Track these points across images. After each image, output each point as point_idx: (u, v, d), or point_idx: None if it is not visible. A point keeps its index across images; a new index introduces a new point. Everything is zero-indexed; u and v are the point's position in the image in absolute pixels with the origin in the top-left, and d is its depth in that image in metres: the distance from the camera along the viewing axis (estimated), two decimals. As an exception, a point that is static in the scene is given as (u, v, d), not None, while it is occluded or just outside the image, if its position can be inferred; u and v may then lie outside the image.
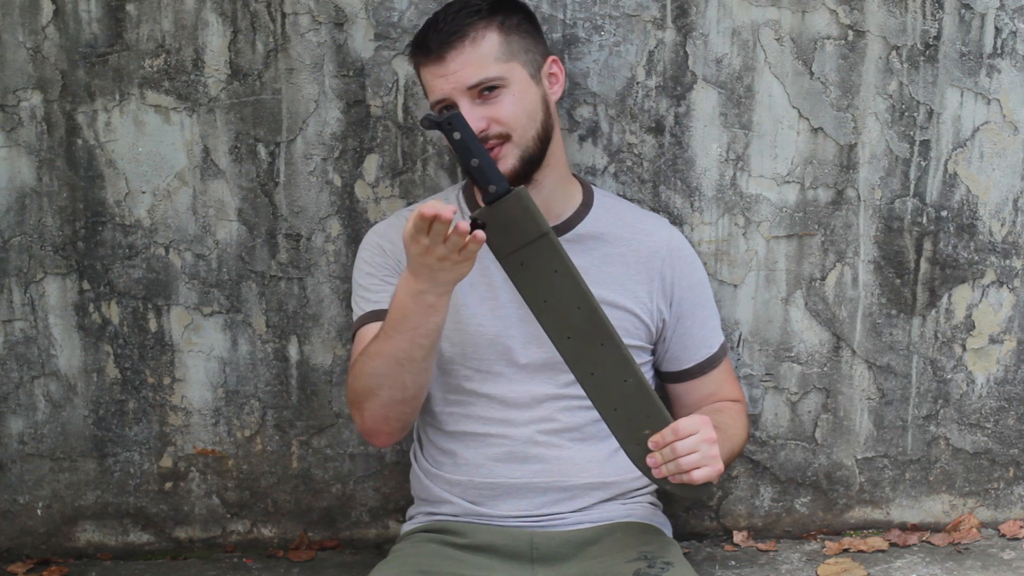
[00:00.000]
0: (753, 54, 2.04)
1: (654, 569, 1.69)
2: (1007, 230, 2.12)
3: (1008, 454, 2.22)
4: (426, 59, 1.78)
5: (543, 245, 1.65)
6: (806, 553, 2.17)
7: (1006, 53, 2.05)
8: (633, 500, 1.90)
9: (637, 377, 1.69)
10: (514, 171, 1.77)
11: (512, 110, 1.76)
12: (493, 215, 1.64)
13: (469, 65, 1.74)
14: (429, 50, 1.76)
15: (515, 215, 1.64)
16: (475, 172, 1.64)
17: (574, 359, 1.69)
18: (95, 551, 2.24)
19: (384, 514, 2.23)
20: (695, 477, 1.63)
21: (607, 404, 1.69)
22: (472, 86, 1.74)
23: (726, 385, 1.98)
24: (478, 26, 1.76)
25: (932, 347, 2.16)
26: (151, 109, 2.06)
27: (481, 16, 1.76)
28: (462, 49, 1.75)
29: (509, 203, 1.64)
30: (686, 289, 1.91)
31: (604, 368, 1.68)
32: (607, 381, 1.69)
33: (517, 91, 1.77)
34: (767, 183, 2.09)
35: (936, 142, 2.08)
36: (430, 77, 1.78)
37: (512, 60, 1.77)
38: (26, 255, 2.12)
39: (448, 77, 1.75)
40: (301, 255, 2.11)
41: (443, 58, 1.75)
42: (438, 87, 1.77)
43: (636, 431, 1.69)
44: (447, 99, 1.76)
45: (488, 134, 1.75)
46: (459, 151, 1.65)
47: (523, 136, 1.77)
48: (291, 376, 2.16)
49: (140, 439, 2.19)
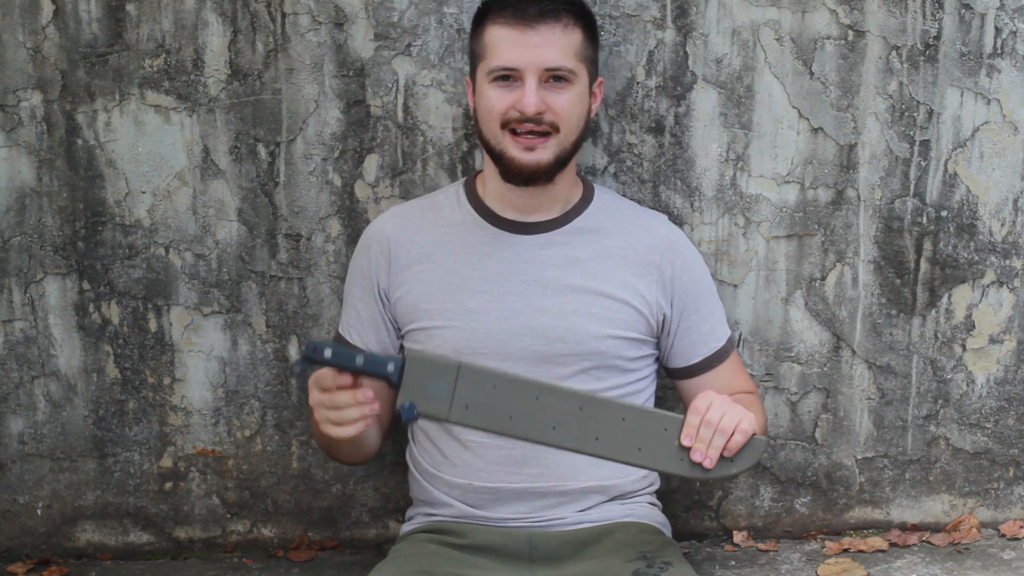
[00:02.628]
0: (753, 54, 2.04)
1: (653, 569, 1.69)
2: (1007, 230, 2.12)
3: (1008, 454, 2.22)
4: (512, 21, 1.75)
5: (465, 376, 1.61)
6: (806, 553, 2.17)
7: (1006, 53, 2.05)
8: (633, 501, 1.90)
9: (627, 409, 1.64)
10: (547, 165, 1.79)
11: (569, 108, 1.78)
12: (408, 391, 1.60)
13: (556, 46, 1.75)
14: (523, 14, 1.74)
15: (425, 374, 1.61)
16: (367, 368, 1.60)
17: (571, 440, 1.63)
18: (95, 551, 2.24)
19: (384, 514, 2.23)
20: (743, 428, 1.60)
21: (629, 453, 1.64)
22: (550, 68, 1.75)
23: (737, 379, 1.97)
24: (572, 17, 1.77)
25: (932, 347, 2.16)
26: (151, 109, 2.06)
27: (573, 11, 1.78)
28: (554, 28, 1.75)
29: (413, 369, 1.60)
30: (687, 284, 1.91)
31: (599, 425, 1.63)
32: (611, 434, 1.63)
33: (578, 93, 1.79)
34: (767, 183, 2.09)
35: (936, 142, 2.08)
36: (507, 41, 1.75)
37: (583, 64, 1.79)
38: (26, 255, 2.12)
39: (529, 49, 1.74)
40: (301, 255, 2.11)
41: (535, 27, 1.74)
42: (514, 55, 1.75)
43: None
44: (515, 69, 1.75)
45: (543, 118, 1.76)
46: (338, 366, 1.60)
47: (567, 136, 1.79)
48: (291, 376, 2.16)
49: (140, 439, 2.19)
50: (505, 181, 1.83)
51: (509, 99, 1.76)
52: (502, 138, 1.78)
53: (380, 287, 1.90)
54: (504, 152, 1.79)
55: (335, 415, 1.63)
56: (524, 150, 1.78)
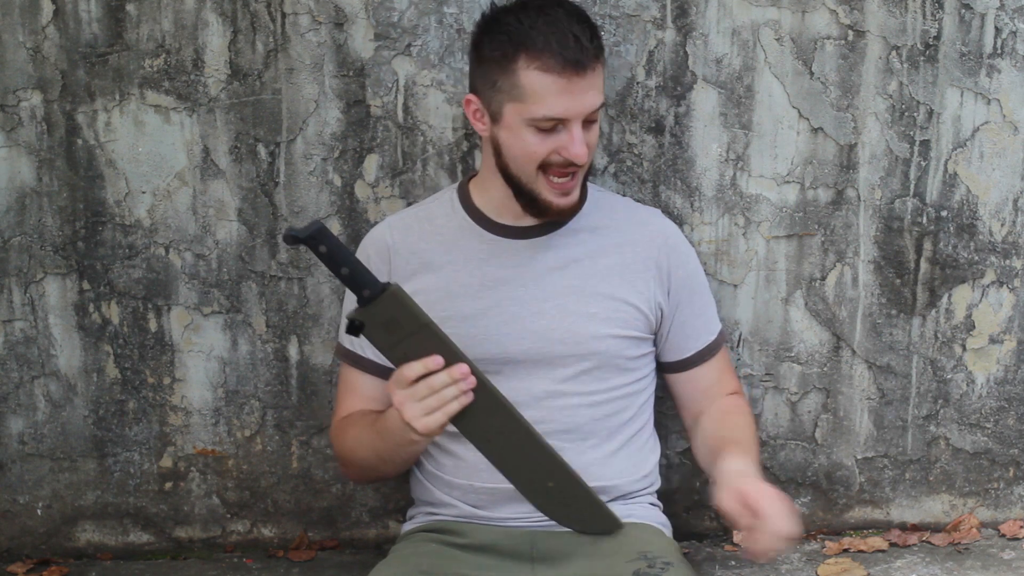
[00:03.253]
0: (753, 54, 2.04)
1: (654, 569, 1.69)
2: (1007, 230, 2.12)
3: (1008, 454, 2.22)
4: (559, 68, 1.68)
5: (424, 336, 1.64)
6: (806, 553, 2.17)
7: (1006, 53, 2.05)
8: (633, 501, 1.90)
9: (531, 437, 1.72)
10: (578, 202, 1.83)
11: (596, 139, 1.79)
12: (370, 315, 1.63)
13: (595, 89, 1.73)
14: (571, 63, 1.68)
15: (392, 312, 1.63)
16: (347, 280, 1.61)
17: (470, 431, 1.70)
18: (95, 551, 2.24)
19: (384, 514, 2.23)
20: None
21: (507, 466, 1.73)
22: (595, 109, 1.74)
23: (725, 375, 1.98)
24: (600, 54, 1.74)
25: (932, 347, 2.16)
26: (151, 109, 2.06)
27: (597, 45, 1.74)
28: (596, 71, 1.72)
29: (384, 302, 1.63)
30: (683, 278, 1.91)
31: (499, 434, 1.71)
32: (506, 444, 1.72)
33: (598, 123, 1.80)
34: (767, 183, 2.09)
35: (936, 142, 2.08)
36: (553, 90, 1.69)
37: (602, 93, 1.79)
38: (26, 255, 2.12)
39: (576, 96, 1.70)
40: (301, 255, 2.11)
41: (584, 75, 1.69)
42: (563, 105, 1.70)
43: (542, 485, 1.75)
44: (566, 118, 1.71)
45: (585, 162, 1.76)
46: (328, 262, 1.61)
47: (588, 166, 1.80)
48: (291, 376, 2.16)
49: (140, 439, 2.19)
50: (533, 216, 1.83)
51: (550, 145, 1.74)
52: (536, 179, 1.77)
53: None
54: (539, 195, 1.78)
55: (435, 400, 1.63)
56: (561, 195, 1.78)
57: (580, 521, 1.79)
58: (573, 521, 1.79)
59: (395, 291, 1.63)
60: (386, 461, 1.84)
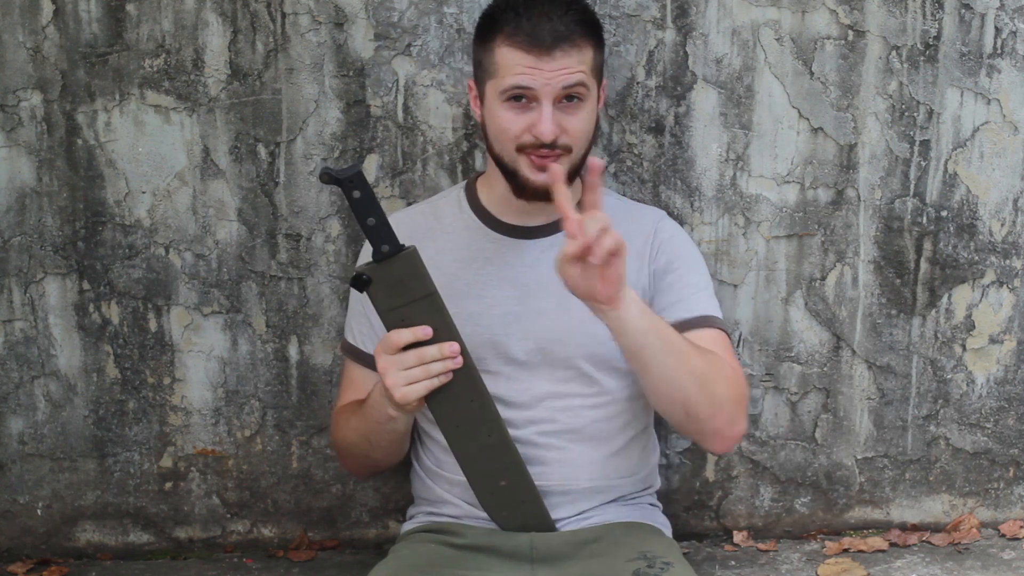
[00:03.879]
0: (753, 54, 2.04)
1: (654, 569, 1.69)
2: (1007, 230, 2.12)
3: (1008, 454, 2.22)
4: (525, 45, 1.72)
5: (426, 304, 1.66)
6: (806, 553, 2.17)
7: (1006, 53, 2.05)
8: (633, 501, 1.90)
9: (501, 434, 1.75)
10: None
11: (582, 126, 1.77)
12: (381, 272, 1.65)
13: (570, 68, 1.73)
14: (538, 40, 1.72)
15: (404, 274, 1.65)
16: (370, 231, 1.63)
17: (440, 412, 1.72)
18: (95, 551, 2.24)
19: (384, 514, 2.23)
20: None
21: (467, 456, 1.75)
22: (568, 86, 1.74)
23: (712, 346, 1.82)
24: (584, 36, 1.75)
25: (932, 347, 2.16)
26: (151, 109, 2.06)
27: (586, 27, 1.76)
28: (569, 52, 1.73)
29: (400, 262, 1.64)
30: (667, 252, 1.88)
31: (470, 422, 1.73)
32: (472, 433, 1.74)
33: (589, 108, 1.78)
34: (767, 183, 2.09)
35: (936, 142, 2.08)
36: (521, 64, 1.73)
37: (595, 77, 1.78)
38: (26, 255, 2.12)
39: (546, 72, 1.72)
40: (301, 255, 2.11)
41: (548, 54, 1.72)
42: (528, 76, 1.72)
43: (493, 482, 1.77)
44: (531, 87, 1.73)
45: (557, 143, 1.74)
46: (356, 209, 1.62)
47: (579, 152, 1.78)
48: (291, 376, 2.16)
49: (140, 439, 2.19)
50: (519, 198, 1.82)
51: (523, 122, 1.75)
52: (516, 158, 1.77)
53: None
54: (518, 171, 1.78)
55: (420, 371, 1.65)
56: (538, 171, 1.77)
57: (514, 523, 1.81)
58: (507, 521, 1.81)
59: (413, 253, 1.65)
60: (372, 445, 1.85)
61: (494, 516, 1.82)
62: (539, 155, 1.75)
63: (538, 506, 1.81)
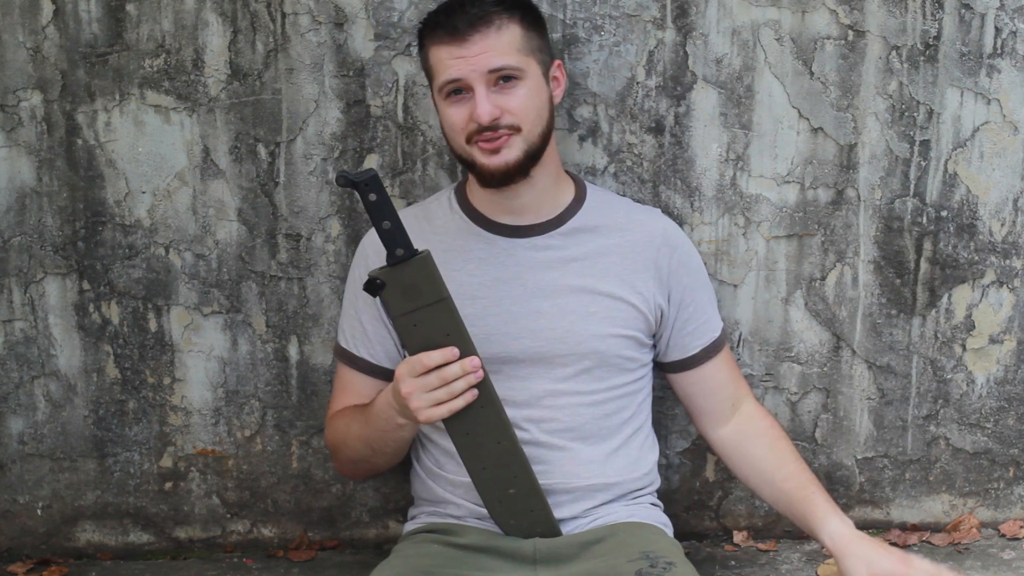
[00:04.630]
0: (753, 54, 2.04)
1: (656, 569, 1.69)
2: (1007, 230, 2.12)
3: (1008, 454, 2.22)
4: (447, 39, 1.76)
5: (439, 309, 1.67)
6: (806, 553, 2.17)
7: (1006, 53, 2.05)
8: (635, 501, 1.90)
9: (511, 441, 1.74)
10: (517, 163, 1.78)
11: (526, 103, 1.77)
12: (395, 275, 1.65)
13: (493, 50, 1.75)
14: (454, 29, 1.75)
15: (417, 278, 1.65)
16: (385, 234, 1.64)
17: (452, 419, 1.71)
18: (95, 551, 2.24)
19: (384, 514, 2.23)
20: None
21: (477, 463, 1.75)
22: (493, 70, 1.74)
23: (734, 374, 1.98)
24: (503, 15, 1.76)
25: (932, 347, 2.16)
26: (151, 109, 2.06)
27: (505, 7, 1.77)
28: (487, 34, 1.74)
29: (414, 266, 1.65)
30: (684, 276, 1.91)
31: (481, 429, 1.73)
32: (482, 441, 1.73)
33: (532, 86, 1.78)
34: (767, 183, 2.09)
35: (936, 142, 2.08)
36: (446, 57, 1.76)
37: (530, 56, 1.78)
38: (26, 255, 2.12)
39: (469, 59, 1.74)
40: (301, 255, 2.11)
41: (467, 40, 1.74)
42: (455, 67, 1.75)
43: (502, 490, 1.77)
44: (461, 80, 1.75)
45: (499, 123, 1.75)
46: (372, 212, 1.63)
47: (531, 131, 1.78)
48: (291, 376, 2.16)
49: (140, 439, 2.19)
50: (483, 187, 1.83)
51: (465, 112, 1.77)
52: (470, 149, 1.79)
53: None
54: (474, 161, 1.79)
55: (444, 392, 1.65)
56: (490, 154, 1.77)
57: (521, 530, 1.81)
58: (514, 529, 1.81)
59: (427, 257, 1.66)
60: (376, 451, 1.85)
61: (502, 524, 1.82)
62: (486, 139, 1.77)
63: (546, 514, 1.81)
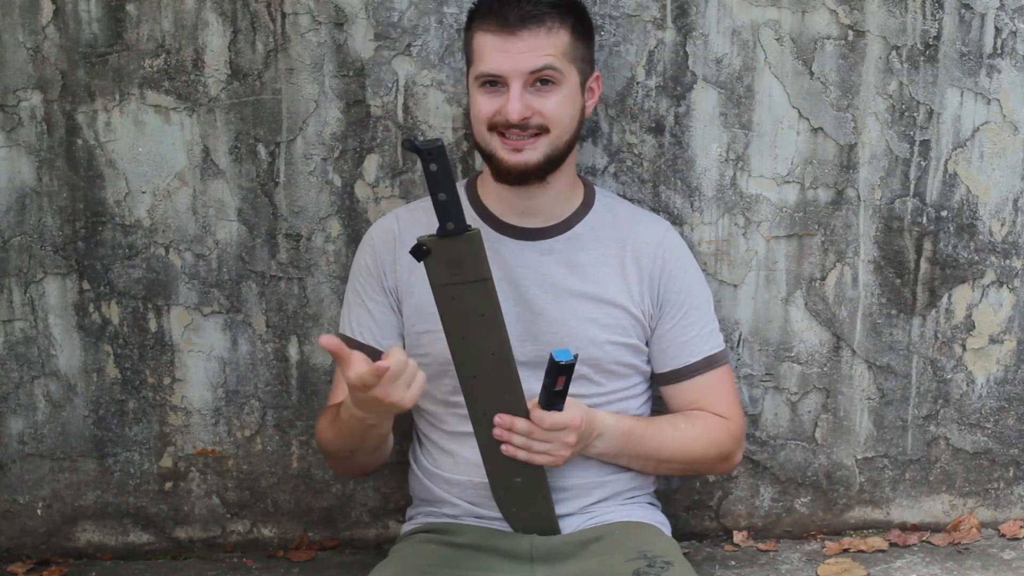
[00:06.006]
0: (753, 54, 2.04)
1: (654, 568, 1.69)
2: (1007, 230, 2.12)
3: (1008, 454, 2.22)
4: (495, 27, 1.75)
5: (480, 289, 1.69)
6: (806, 553, 2.17)
7: (1006, 53, 2.05)
8: (633, 501, 1.90)
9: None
10: (537, 165, 1.79)
11: (559, 108, 1.78)
12: (441, 246, 1.67)
13: (539, 50, 1.75)
14: (504, 20, 1.74)
15: (463, 254, 1.67)
16: (440, 205, 1.65)
17: (472, 397, 1.75)
18: (95, 551, 2.24)
19: (384, 514, 2.23)
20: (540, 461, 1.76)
21: (491, 446, 1.77)
22: (535, 70, 1.75)
23: (712, 398, 1.92)
24: (555, 19, 1.76)
25: (932, 347, 2.16)
26: (151, 109, 2.06)
27: (559, 11, 1.77)
28: (537, 32, 1.75)
29: (462, 241, 1.67)
30: (672, 292, 1.90)
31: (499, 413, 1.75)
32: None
33: (567, 93, 1.78)
34: (767, 183, 2.09)
35: (936, 142, 2.08)
36: (490, 48, 1.76)
37: (573, 63, 1.79)
38: (26, 255, 2.12)
39: (514, 55, 1.74)
40: (301, 255, 2.11)
41: (517, 34, 1.74)
42: (496, 60, 1.75)
43: (510, 477, 1.79)
44: (500, 74, 1.75)
45: (529, 123, 1.76)
46: (431, 182, 1.64)
47: (559, 137, 1.79)
48: (291, 376, 2.16)
49: (140, 439, 2.19)
50: (498, 181, 1.83)
51: (495, 104, 1.77)
52: (490, 140, 1.79)
53: (388, 283, 1.89)
54: (493, 153, 1.79)
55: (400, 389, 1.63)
56: (512, 151, 1.78)
57: (521, 522, 1.83)
58: (515, 518, 1.83)
59: (476, 235, 1.68)
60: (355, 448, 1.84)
61: (504, 511, 1.82)
62: (512, 135, 1.77)
63: (548, 511, 1.82)
